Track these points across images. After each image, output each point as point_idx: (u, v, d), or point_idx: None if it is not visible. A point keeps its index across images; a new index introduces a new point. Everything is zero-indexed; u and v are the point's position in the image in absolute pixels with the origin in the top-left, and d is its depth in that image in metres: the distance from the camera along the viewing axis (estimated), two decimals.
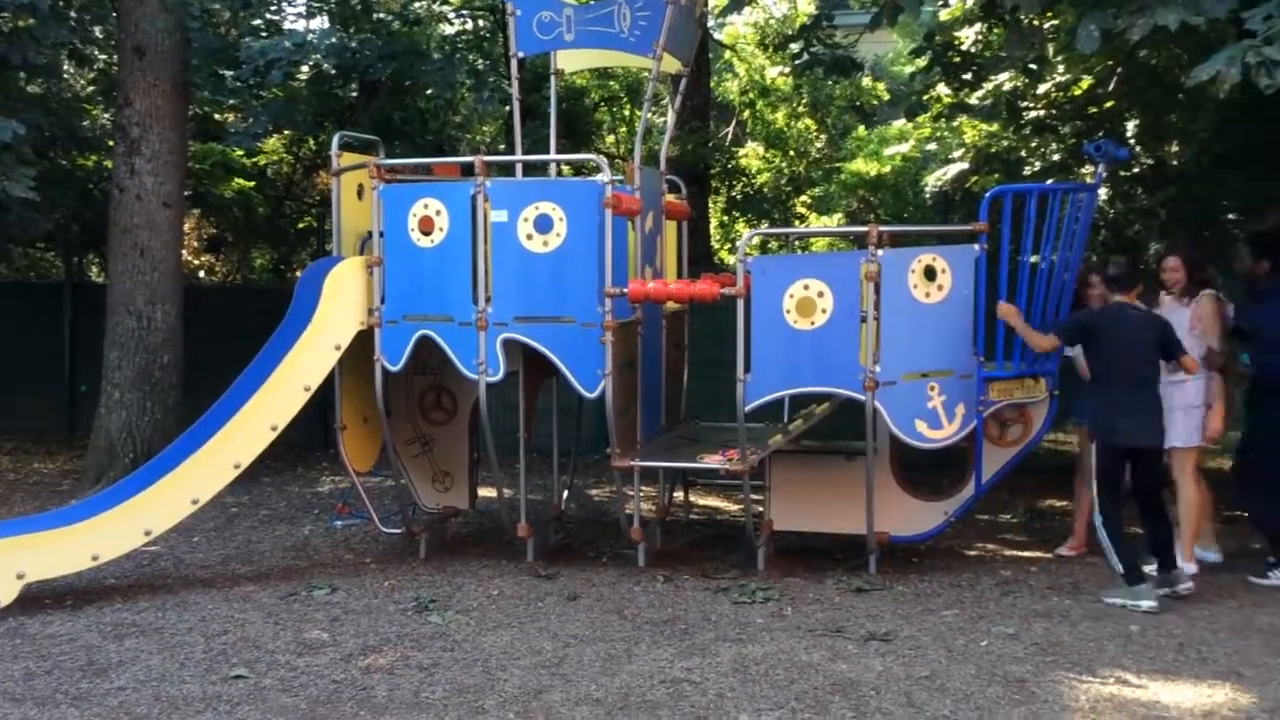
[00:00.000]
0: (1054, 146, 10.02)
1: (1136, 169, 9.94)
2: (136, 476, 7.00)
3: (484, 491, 8.45)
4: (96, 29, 11.46)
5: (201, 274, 15.02)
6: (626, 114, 16.40)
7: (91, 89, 13.76)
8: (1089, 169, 8.29)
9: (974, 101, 10.01)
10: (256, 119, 11.31)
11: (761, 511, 7.35)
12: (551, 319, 6.79)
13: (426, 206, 6.91)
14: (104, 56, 12.55)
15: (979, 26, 9.34)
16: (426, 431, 7.93)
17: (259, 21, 11.43)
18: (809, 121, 16.55)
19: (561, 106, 9.90)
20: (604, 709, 4.96)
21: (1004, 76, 9.77)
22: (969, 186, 10.64)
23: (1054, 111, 9.88)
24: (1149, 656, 5.59)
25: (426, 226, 6.91)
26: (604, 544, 7.87)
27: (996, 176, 10.08)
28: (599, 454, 8.25)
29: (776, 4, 17.03)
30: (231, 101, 11.99)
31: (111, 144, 10.60)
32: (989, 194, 7.02)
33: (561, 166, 10.71)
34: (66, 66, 12.70)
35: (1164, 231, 10.01)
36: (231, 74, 10.79)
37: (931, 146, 12.65)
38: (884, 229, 6.97)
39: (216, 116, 13.39)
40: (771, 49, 15.16)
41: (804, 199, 16.15)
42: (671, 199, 8.10)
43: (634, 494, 7.37)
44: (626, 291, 6.75)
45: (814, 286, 6.66)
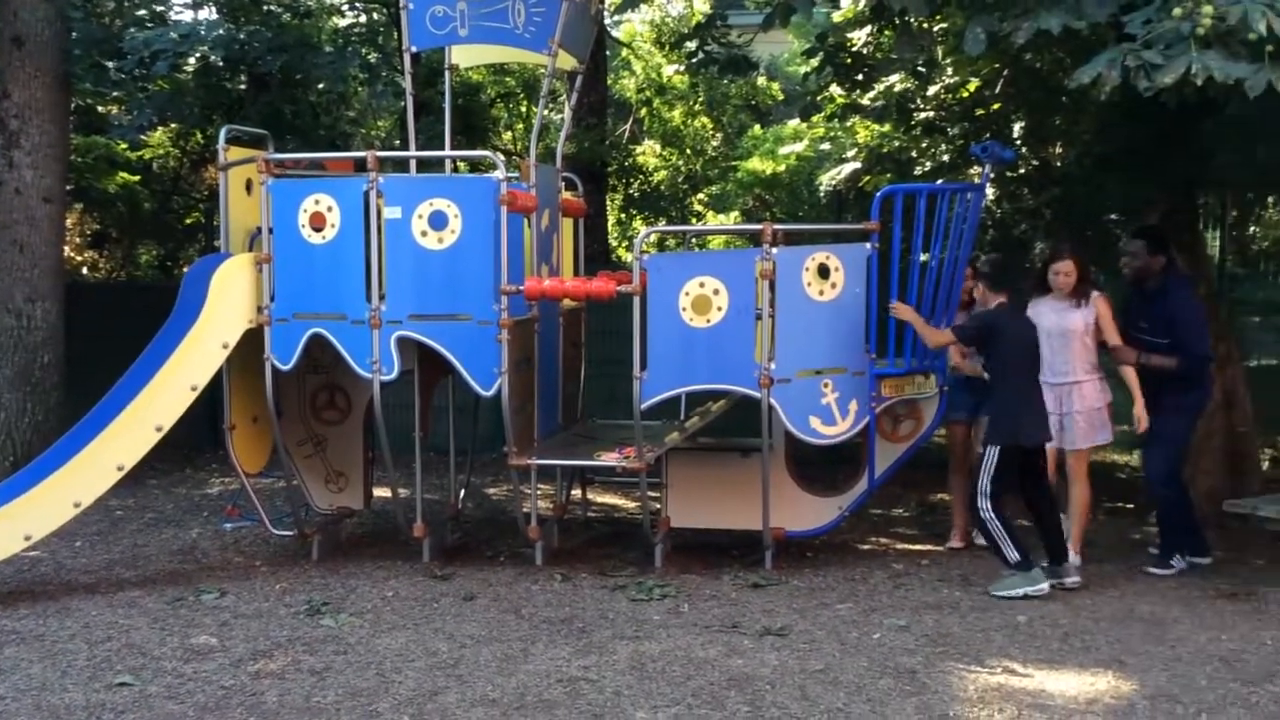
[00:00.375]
0: (943, 147, 10.20)
1: (1022, 170, 10.16)
2: (15, 480, 6.79)
3: (379, 491, 8.34)
4: None
5: (84, 271, 14.59)
6: (523, 110, 16.31)
7: None
8: (977, 169, 8.46)
9: (866, 102, 10.15)
10: (141, 111, 11.01)
11: (659, 509, 7.37)
12: (447, 317, 6.73)
13: (318, 202, 6.81)
14: None
15: (870, 28, 9.46)
16: (319, 431, 7.81)
17: (143, 12, 11.15)
18: (705, 120, 16.64)
19: (457, 102, 9.82)
20: (500, 709, 4.94)
21: (895, 78, 9.92)
22: (861, 186, 10.79)
23: (943, 113, 10.05)
24: (1035, 646, 5.72)
25: (318, 223, 6.80)
26: (501, 543, 7.83)
27: (888, 176, 10.23)
28: (496, 452, 8.19)
29: (672, 2, 17.08)
30: (115, 94, 11.68)
31: None
32: (880, 193, 7.13)
33: (457, 163, 10.62)
34: None
35: (1049, 231, 10.26)
36: (114, 65, 10.50)
37: (825, 146, 12.78)
38: (779, 227, 7.05)
39: (100, 109, 13.03)
40: (667, 47, 15.21)
41: (700, 197, 16.24)
42: (568, 196, 8.09)
43: (531, 492, 7.34)
44: (523, 289, 6.73)
45: (709, 284, 6.70)
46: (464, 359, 6.73)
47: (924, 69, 9.63)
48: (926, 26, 7.98)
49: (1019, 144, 9.79)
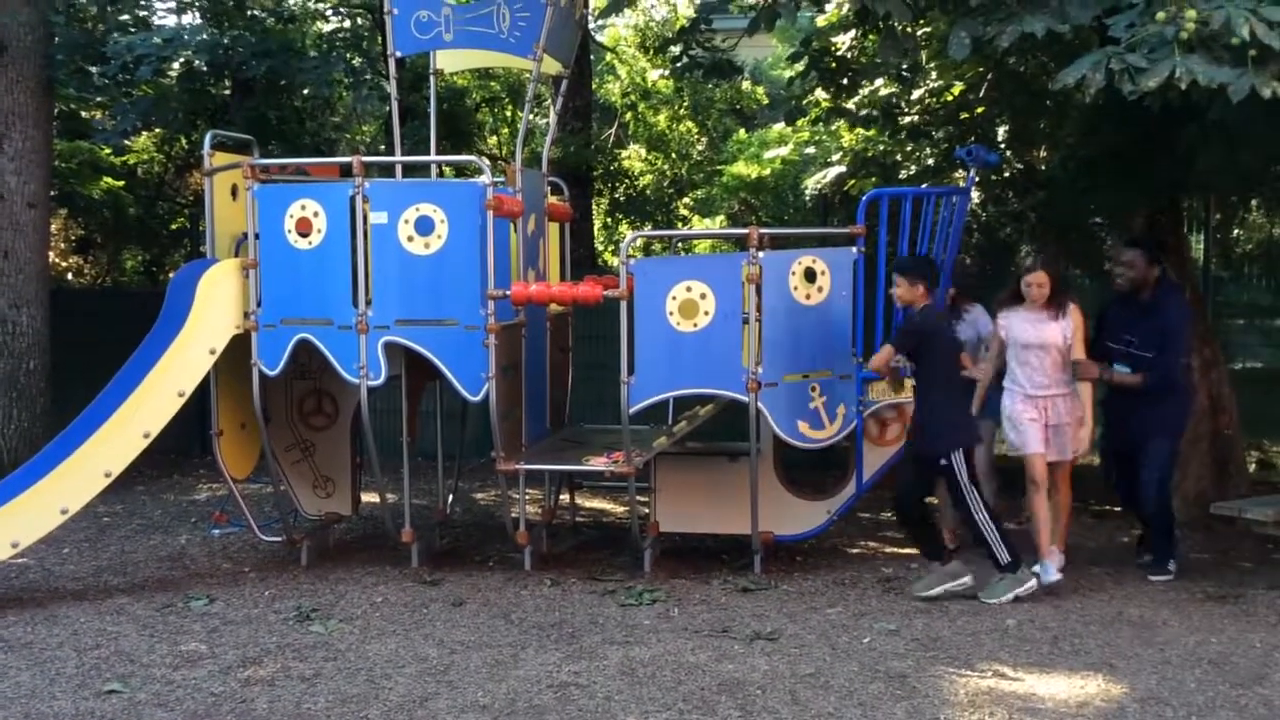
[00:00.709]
0: (928, 151, 10.23)
1: (1007, 173, 10.20)
2: (2, 486, 6.73)
3: (367, 497, 8.34)
4: None
5: (69, 276, 14.54)
6: (508, 115, 16.30)
7: None
8: (961, 173, 8.49)
9: (851, 107, 10.18)
10: (125, 116, 10.99)
11: (647, 514, 7.37)
12: (433, 322, 6.72)
13: (304, 208, 6.80)
14: None
15: (854, 33, 9.48)
16: (307, 437, 7.80)
17: (127, 17, 11.11)
18: (690, 124, 16.64)
19: (442, 107, 9.83)
20: (490, 715, 4.93)
21: (879, 83, 9.95)
22: (847, 189, 10.81)
23: (928, 117, 10.07)
24: (1025, 650, 5.74)
25: (304, 228, 6.79)
26: (490, 548, 7.82)
27: (873, 180, 10.24)
28: (484, 458, 8.18)
29: (656, 6, 17.09)
30: (98, 99, 11.64)
31: None
32: (866, 197, 7.16)
33: (443, 168, 10.61)
34: None
35: (1034, 235, 10.29)
36: (98, 70, 10.47)
37: (810, 150, 12.81)
38: (765, 231, 7.07)
39: (83, 114, 12.98)
40: (652, 51, 15.22)
41: (686, 201, 16.24)
42: (554, 201, 8.08)
43: (519, 497, 7.33)
44: (509, 294, 6.72)
45: (696, 288, 6.71)
46: (451, 364, 6.72)
47: (908, 73, 9.67)
48: (911, 31, 7.99)
49: (1003, 148, 9.82)
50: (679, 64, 10.70)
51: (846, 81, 9.84)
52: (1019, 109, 9.47)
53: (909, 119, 10.08)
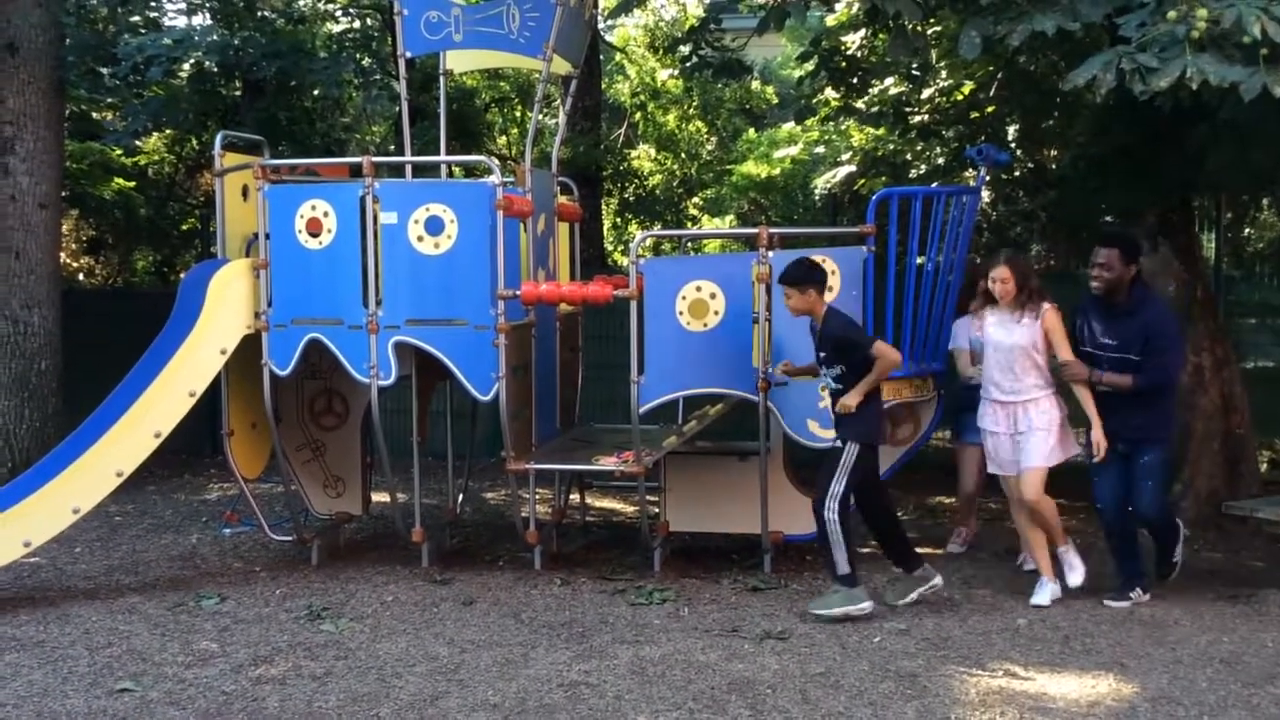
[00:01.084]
0: (938, 150, 10.22)
1: (1017, 173, 10.19)
2: (15, 486, 6.76)
3: (378, 496, 8.35)
4: None
5: (81, 277, 14.58)
6: (517, 115, 16.32)
7: None
8: (972, 172, 8.47)
9: (861, 106, 10.17)
10: (135, 117, 11.03)
11: (657, 513, 7.37)
12: (444, 322, 6.73)
13: (314, 208, 6.81)
14: None
15: (864, 32, 9.48)
16: (317, 437, 7.82)
17: (137, 18, 11.15)
18: (700, 124, 16.65)
19: (452, 107, 9.83)
20: (501, 714, 4.94)
21: (889, 82, 9.94)
22: (857, 189, 10.81)
23: (938, 116, 10.07)
24: (1035, 649, 5.73)
25: (314, 228, 6.81)
26: (500, 548, 7.83)
27: (883, 179, 10.24)
28: (494, 457, 8.20)
29: (666, 6, 17.10)
30: (109, 100, 11.68)
31: None
32: (876, 196, 7.13)
33: (452, 168, 10.63)
34: None
35: (1044, 234, 10.28)
36: (109, 71, 10.51)
37: (820, 150, 12.80)
38: (774, 231, 7.06)
39: (94, 115, 13.02)
40: (661, 51, 15.22)
41: (696, 201, 16.25)
42: (564, 201, 8.10)
43: (529, 497, 7.34)
44: (519, 294, 6.72)
45: (706, 288, 6.71)
46: (461, 364, 6.73)
47: (918, 72, 9.66)
48: (921, 30, 7.98)
49: (1014, 147, 9.81)
50: (688, 64, 10.69)
51: (856, 81, 9.84)
52: (1029, 108, 9.46)
53: (919, 118, 10.07)
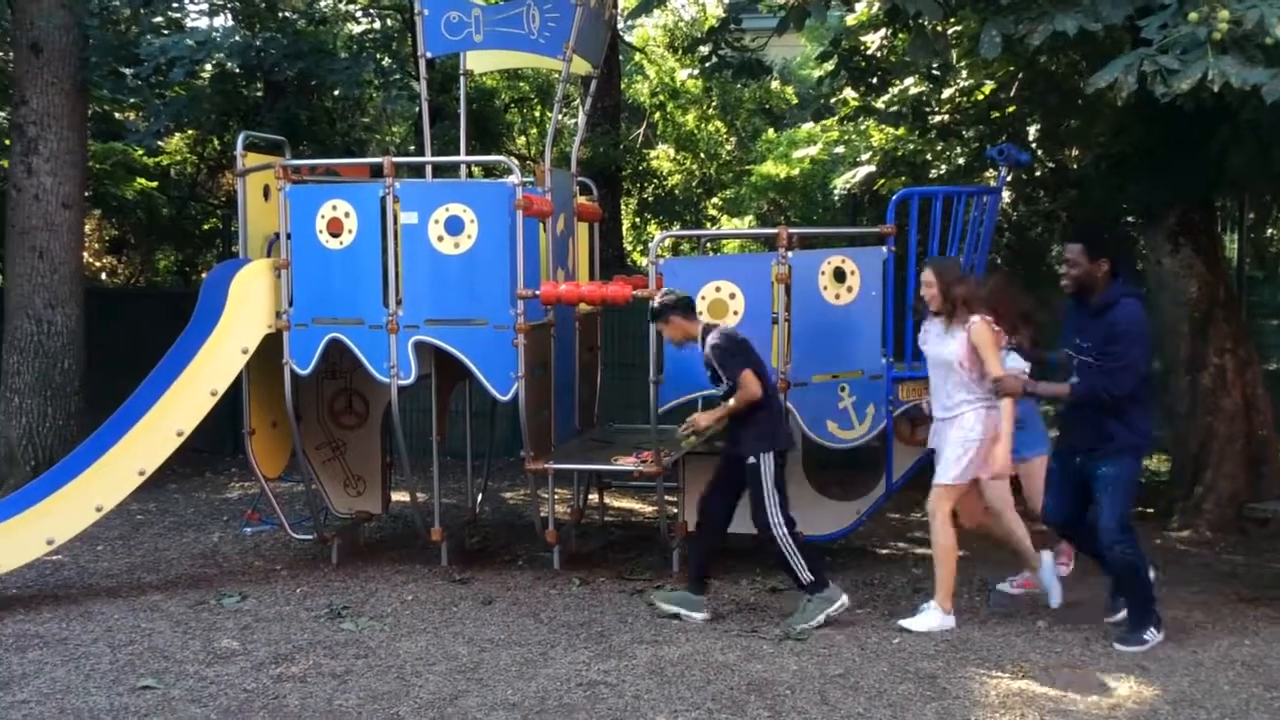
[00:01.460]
0: (958, 150, 10.19)
1: (1038, 173, 10.15)
2: (38, 484, 6.82)
3: (397, 496, 8.38)
4: None
5: (103, 276, 14.67)
6: (537, 115, 16.34)
7: None
8: (992, 173, 8.45)
9: (881, 106, 10.15)
10: (157, 118, 11.09)
11: (676, 513, 7.38)
12: (463, 321, 6.75)
13: (335, 208, 6.84)
14: None
15: (884, 32, 9.46)
16: (338, 436, 7.85)
17: (160, 19, 11.19)
18: (719, 124, 16.63)
19: (471, 107, 9.85)
20: (520, 713, 4.95)
21: (909, 82, 9.92)
22: (876, 189, 10.78)
23: (958, 116, 10.04)
24: (1055, 651, 5.72)
25: (335, 228, 6.83)
26: (519, 547, 7.85)
27: (903, 179, 10.21)
28: (513, 457, 8.21)
29: (685, 6, 17.09)
30: (132, 100, 11.74)
31: (8, 143, 10.32)
32: (896, 196, 7.13)
33: (472, 168, 10.65)
34: None
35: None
36: (131, 72, 10.56)
37: (840, 149, 12.76)
38: (794, 231, 7.06)
39: (117, 115, 13.08)
40: (681, 51, 15.20)
41: (715, 201, 16.23)
42: (583, 201, 8.11)
43: (548, 497, 7.36)
44: (539, 294, 6.74)
45: (725, 288, 6.72)
46: (481, 364, 6.75)
47: (939, 72, 9.63)
48: (941, 29, 7.97)
49: (1034, 147, 9.77)
50: (708, 64, 10.68)
51: (876, 80, 9.82)
52: (1050, 108, 9.42)
53: (939, 118, 10.04)
